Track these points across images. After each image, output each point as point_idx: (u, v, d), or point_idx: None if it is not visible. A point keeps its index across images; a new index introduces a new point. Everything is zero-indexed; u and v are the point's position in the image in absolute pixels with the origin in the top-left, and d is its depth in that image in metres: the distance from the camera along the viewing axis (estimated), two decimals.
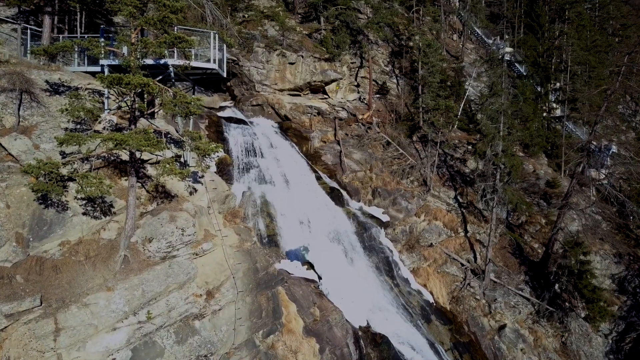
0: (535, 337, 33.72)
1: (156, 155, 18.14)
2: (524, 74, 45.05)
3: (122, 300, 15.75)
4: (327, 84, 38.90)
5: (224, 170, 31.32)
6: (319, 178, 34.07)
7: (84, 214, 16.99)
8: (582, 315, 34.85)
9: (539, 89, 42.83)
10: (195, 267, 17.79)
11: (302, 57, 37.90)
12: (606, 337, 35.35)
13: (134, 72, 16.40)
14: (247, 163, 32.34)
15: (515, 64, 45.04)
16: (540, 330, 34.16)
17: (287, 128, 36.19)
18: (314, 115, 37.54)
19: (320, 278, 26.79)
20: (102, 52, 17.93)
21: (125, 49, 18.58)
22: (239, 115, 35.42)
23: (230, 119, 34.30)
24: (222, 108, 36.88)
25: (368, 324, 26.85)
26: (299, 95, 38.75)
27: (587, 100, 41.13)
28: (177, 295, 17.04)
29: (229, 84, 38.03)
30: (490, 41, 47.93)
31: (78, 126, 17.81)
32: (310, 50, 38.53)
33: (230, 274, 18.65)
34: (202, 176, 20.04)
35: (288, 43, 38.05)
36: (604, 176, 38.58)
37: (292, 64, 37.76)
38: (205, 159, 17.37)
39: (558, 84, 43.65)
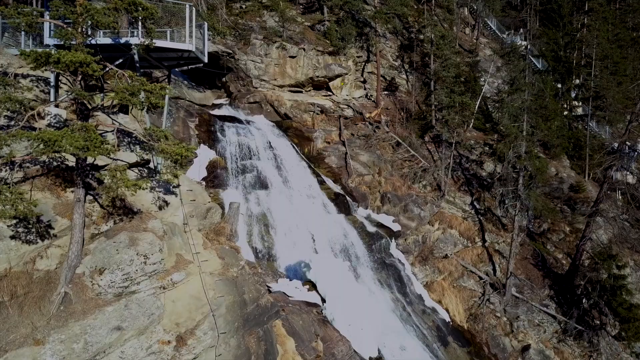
0: (561, 357, 29.09)
1: (116, 160, 13.43)
2: (541, 69, 40.13)
3: (54, 358, 11.05)
4: (331, 79, 34.13)
5: (216, 174, 26.67)
6: (322, 182, 29.32)
7: (13, 237, 12.27)
8: (613, 333, 30.24)
9: (558, 85, 37.96)
10: (161, 305, 13.03)
11: (304, 50, 33.13)
12: (637, 356, 30.78)
13: (76, 49, 11.69)
14: (242, 166, 27.66)
15: (531, 57, 40.09)
16: (567, 350, 29.50)
17: (288, 127, 31.42)
18: (317, 114, 32.76)
19: (324, 301, 21.99)
20: (41, 25, 13.28)
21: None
22: (234, 113, 30.72)
23: (224, 118, 29.56)
24: (216, 106, 32.18)
25: (380, 353, 22.07)
26: (301, 92, 33.99)
27: (612, 97, 36.24)
28: (135, 344, 12.30)
29: (224, 79, 33.33)
30: (505, 35, 43.06)
31: (12, 122, 13.15)
32: (312, 42, 33.76)
33: (209, 311, 13.89)
34: (177, 185, 15.29)
35: (289, 35, 33.29)
36: (633, 180, 33.73)
37: (293, 57, 32.99)
38: (175, 164, 12.62)
39: (577, 80, 38.74)
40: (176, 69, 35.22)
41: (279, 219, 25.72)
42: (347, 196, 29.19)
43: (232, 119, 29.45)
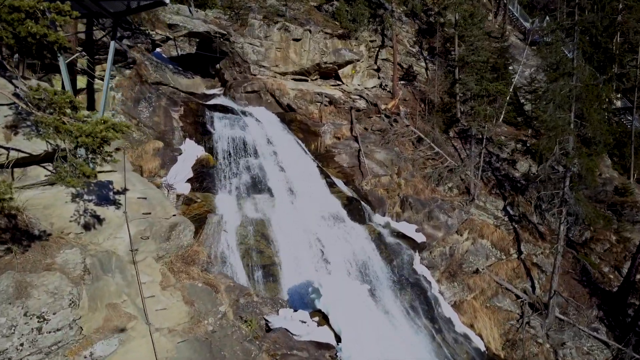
0: None
1: (8, 150, 7.33)
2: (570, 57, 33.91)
3: None
4: (340, 66, 28.13)
5: (205, 175, 20.77)
6: (331, 184, 23.36)
7: None
8: None
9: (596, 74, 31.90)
10: None
11: (310, 32, 27.14)
12: None
13: None
14: (237, 165, 21.70)
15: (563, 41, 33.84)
16: None
17: (291, 120, 25.48)
18: (325, 105, 26.76)
19: (339, 339, 15.90)
20: None
21: None
22: (228, 103, 24.73)
23: (214, 107, 23.68)
24: (208, 97, 26.16)
25: None
26: (306, 80, 28.02)
27: None
28: None
29: (218, 66, 27.38)
30: (528, 24, 37.01)
31: None
32: (320, 24, 27.77)
33: None
34: (122, 191, 9.21)
35: (292, 15, 27.34)
36: None
37: (297, 40, 27.00)
38: (95, 154, 6.61)
39: (614, 69, 32.57)
40: (163, 55, 29.27)
41: (281, 229, 20.05)
42: (361, 201, 23.14)
43: (225, 109, 23.55)
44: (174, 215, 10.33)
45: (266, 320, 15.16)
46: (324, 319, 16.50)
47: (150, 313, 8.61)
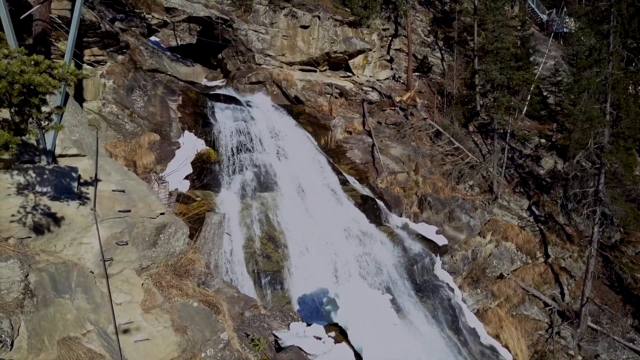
0: None
1: None
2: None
3: None
4: (351, 56, 25.68)
5: (206, 171, 18.32)
6: (344, 182, 20.90)
7: None
8: None
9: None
10: None
11: (319, 18, 24.70)
12: None
13: None
14: (240, 160, 19.23)
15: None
16: None
17: (299, 113, 23.04)
18: (335, 97, 24.34)
19: (359, 359, 13.32)
20: None
21: None
22: (231, 93, 22.26)
23: (217, 97, 21.25)
24: (209, 88, 23.70)
25: None
26: (314, 71, 25.59)
27: None
28: None
29: (220, 56, 24.93)
30: (545, 16, 34.53)
31: None
32: (329, 10, 25.34)
33: None
34: (92, 181, 6.70)
35: (299, 0, 24.80)
36: None
37: (305, 27, 24.58)
38: (22, 115, 4.13)
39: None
40: (161, 45, 26.87)
41: (291, 231, 17.64)
42: (377, 200, 20.64)
43: (228, 99, 21.17)
44: (162, 213, 7.79)
45: (276, 336, 12.71)
46: (341, 334, 13.98)
47: (126, 347, 6.10)
